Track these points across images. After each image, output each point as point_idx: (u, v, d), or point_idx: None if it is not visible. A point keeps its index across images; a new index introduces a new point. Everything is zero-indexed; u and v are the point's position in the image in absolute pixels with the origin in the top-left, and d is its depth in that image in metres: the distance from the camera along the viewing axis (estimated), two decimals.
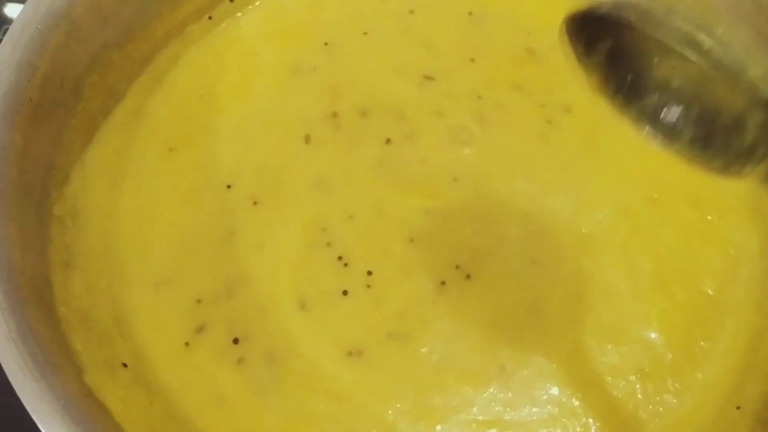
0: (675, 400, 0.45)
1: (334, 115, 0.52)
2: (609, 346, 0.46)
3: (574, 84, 0.36)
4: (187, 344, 0.44)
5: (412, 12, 0.57)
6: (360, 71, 0.54)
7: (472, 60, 0.55)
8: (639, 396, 0.45)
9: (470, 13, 0.57)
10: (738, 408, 0.44)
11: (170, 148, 0.51)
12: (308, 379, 0.44)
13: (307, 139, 0.51)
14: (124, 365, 0.43)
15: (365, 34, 0.56)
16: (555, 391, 0.44)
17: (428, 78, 0.54)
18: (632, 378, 0.45)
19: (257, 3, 0.57)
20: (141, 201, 0.49)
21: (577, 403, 0.44)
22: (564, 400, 0.44)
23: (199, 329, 0.45)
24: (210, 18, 0.56)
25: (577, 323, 0.46)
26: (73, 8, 0.47)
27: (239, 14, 0.57)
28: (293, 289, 0.46)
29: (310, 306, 0.46)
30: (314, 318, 0.46)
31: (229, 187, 0.49)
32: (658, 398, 0.45)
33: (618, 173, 0.52)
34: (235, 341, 0.45)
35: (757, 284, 0.49)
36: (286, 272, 0.47)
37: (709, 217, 0.51)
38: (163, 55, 0.54)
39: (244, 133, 0.51)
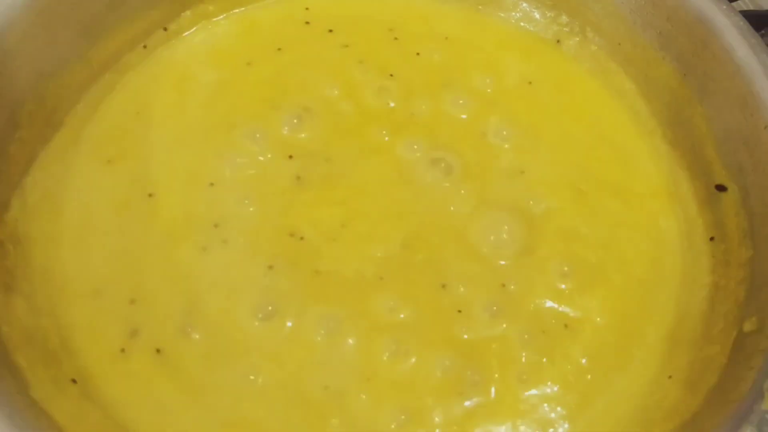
0: (618, 377, 0.47)
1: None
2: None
3: None
4: (123, 350, 0.45)
5: (330, 31, 0.61)
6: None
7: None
8: (588, 377, 0.47)
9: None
10: (670, 377, 0.46)
11: (108, 161, 0.52)
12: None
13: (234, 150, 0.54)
14: (74, 381, 0.43)
15: (279, 49, 0.59)
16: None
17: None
18: (583, 361, 0.48)
19: (191, 30, 0.60)
20: (80, 215, 0.50)
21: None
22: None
23: (134, 333, 0.45)
24: (144, 47, 0.58)
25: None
26: (5, 39, 0.48)
27: (173, 41, 0.58)
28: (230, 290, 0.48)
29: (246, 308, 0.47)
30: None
31: (150, 195, 0.51)
32: (604, 377, 0.47)
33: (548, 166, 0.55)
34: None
35: (680, 263, 0.52)
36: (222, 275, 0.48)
37: (632, 206, 0.54)
38: (99, 83, 0.55)
39: (178, 145, 0.53)
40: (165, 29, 0.59)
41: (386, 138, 0.56)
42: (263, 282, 0.48)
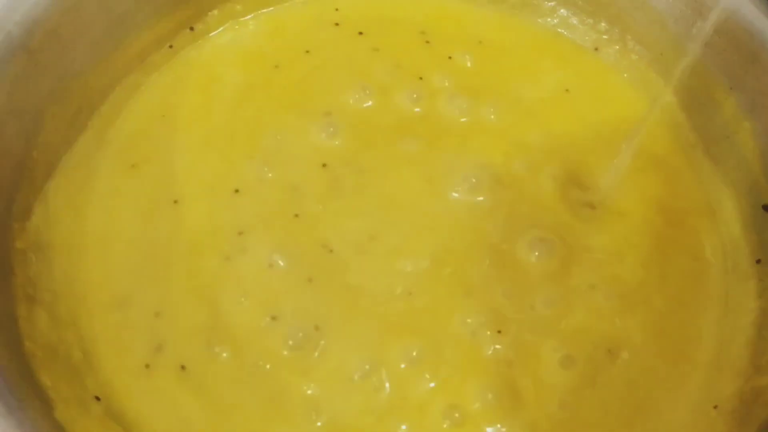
0: (661, 405, 0.46)
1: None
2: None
3: None
4: (147, 366, 0.43)
5: (361, 33, 0.59)
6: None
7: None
8: (631, 402, 0.45)
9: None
10: (715, 407, 0.45)
11: (132, 165, 0.50)
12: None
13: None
14: (97, 398, 0.42)
15: (307, 52, 0.57)
16: None
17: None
18: (623, 388, 0.46)
19: (218, 30, 0.58)
20: (103, 223, 0.48)
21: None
22: None
23: (158, 348, 0.44)
24: (171, 47, 0.56)
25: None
26: (30, 39, 0.46)
27: (199, 41, 0.57)
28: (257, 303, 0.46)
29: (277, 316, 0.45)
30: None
31: (176, 202, 0.49)
32: (646, 404, 0.46)
33: None
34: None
35: (722, 285, 0.50)
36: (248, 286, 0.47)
37: (674, 223, 0.52)
38: (124, 84, 0.53)
39: (203, 149, 0.52)
40: (191, 29, 0.57)
41: (418, 146, 0.54)
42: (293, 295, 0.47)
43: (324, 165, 0.52)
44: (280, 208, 0.50)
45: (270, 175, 0.51)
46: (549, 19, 0.61)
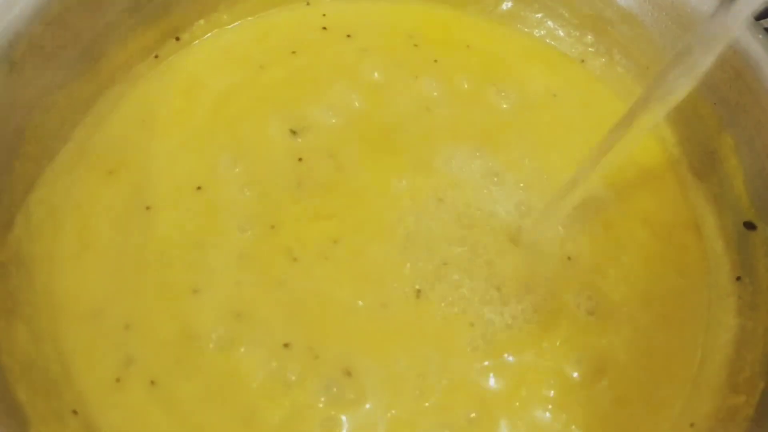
0: (642, 421, 0.46)
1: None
2: None
3: None
4: (118, 380, 0.43)
5: (348, 36, 0.59)
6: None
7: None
8: (613, 421, 0.45)
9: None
10: (692, 425, 0.45)
11: (109, 171, 0.50)
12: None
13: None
14: (74, 412, 0.42)
15: (293, 53, 0.57)
16: None
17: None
18: (607, 404, 0.46)
19: (203, 38, 0.58)
20: (79, 231, 0.48)
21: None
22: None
23: (129, 361, 0.44)
24: (156, 56, 0.56)
25: None
26: (13, 50, 0.46)
27: (185, 50, 0.57)
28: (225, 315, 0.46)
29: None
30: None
31: (148, 208, 0.49)
32: (629, 420, 0.46)
33: None
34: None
35: (705, 302, 0.50)
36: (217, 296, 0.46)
37: (661, 237, 0.52)
38: (107, 95, 0.53)
39: (179, 152, 0.52)
40: (177, 39, 0.57)
41: (405, 146, 0.54)
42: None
43: (300, 159, 0.52)
44: (254, 212, 0.50)
45: (247, 174, 0.51)
46: (536, 30, 0.61)
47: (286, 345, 0.45)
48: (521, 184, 0.53)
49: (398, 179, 0.52)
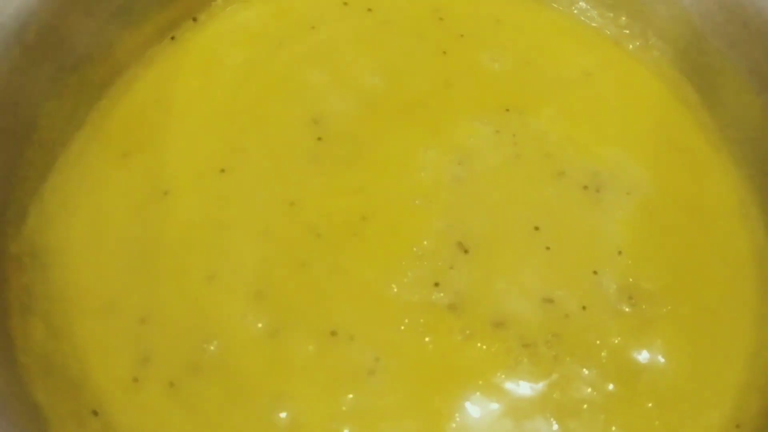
0: (686, 424, 0.43)
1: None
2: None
3: None
4: (135, 380, 0.41)
5: (370, 10, 0.57)
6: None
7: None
8: (656, 423, 0.43)
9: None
10: (737, 426, 0.43)
11: (124, 154, 0.48)
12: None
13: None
14: (95, 413, 0.40)
15: (312, 28, 0.55)
16: None
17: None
18: (649, 405, 0.43)
19: (220, 17, 0.55)
20: (94, 219, 0.46)
21: None
22: None
23: (145, 360, 0.42)
24: (173, 38, 0.53)
25: None
26: (25, 32, 0.44)
27: (201, 30, 0.54)
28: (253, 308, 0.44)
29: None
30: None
31: (166, 193, 0.47)
32: (671, 423, 0.43)
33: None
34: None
35: (754, 294, 0.48)
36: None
37: (704, 224, 0.50)
38: (124, 77, 0.51)
39: (198, 134, 0.49)
40: (194, 19, 0.54)
41: (427, 125, 0.52)
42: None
43: (319, 139, 0.50)
44: (273, 191, 0.48)
45: (268, 152, 0.49)
46: (569, 8, 0.59)
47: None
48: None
49: (424, 151, 0.50)
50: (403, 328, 0.44)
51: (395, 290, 0.45)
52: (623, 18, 0.57)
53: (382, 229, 0.47)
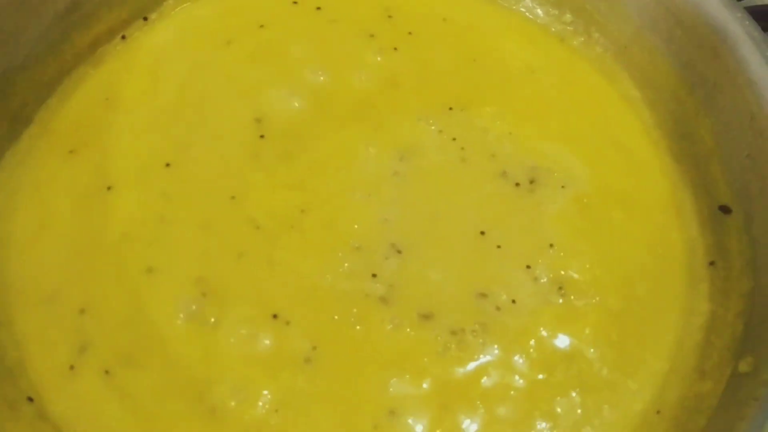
0: (609, 411, 0.44)
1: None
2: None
3: None
4: (72, 368, 0.43)
5: (318, 9, 0.58)
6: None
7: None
8: (578, 411, 0.44)
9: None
10: (658, 412, 0.44)
11: (70, 151, 0.49)
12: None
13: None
14: (30, 399, 0.41)
15: (261, 26, 0.56)
16: None
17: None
18: (573, 394, 0.45)
19: (171, 16, 0.57)
20: (37, 213, 0.47)
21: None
22: None
23: (83, 349, 0.43)
24: (123, 37, 0.55)
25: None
26: None
27: (151, 29, 0.55)
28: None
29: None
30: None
31: (109, 188, 0.48)
32: (595, 410, 0.44)
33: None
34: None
35: (681, 285, 0.49)
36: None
37: (637, 218, 0.51)
38: (72, 76, 0.52)
39: (143, 130, 0.51)
40: (145, 19, 0.56)
41: (371, 123, 0.53)
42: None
43: (262, 136, 0.51)
44: (214, 186, 0.49)
45: (210, 150, 0.50)
46: (514, 7, 0.60)
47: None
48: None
49: (365, 148, 0.51)
50: (336, 317, 0.45)
51: (330, 280, 0.46)
52: (568, 15, 0.58)
53: (320, 222, 0.48)
